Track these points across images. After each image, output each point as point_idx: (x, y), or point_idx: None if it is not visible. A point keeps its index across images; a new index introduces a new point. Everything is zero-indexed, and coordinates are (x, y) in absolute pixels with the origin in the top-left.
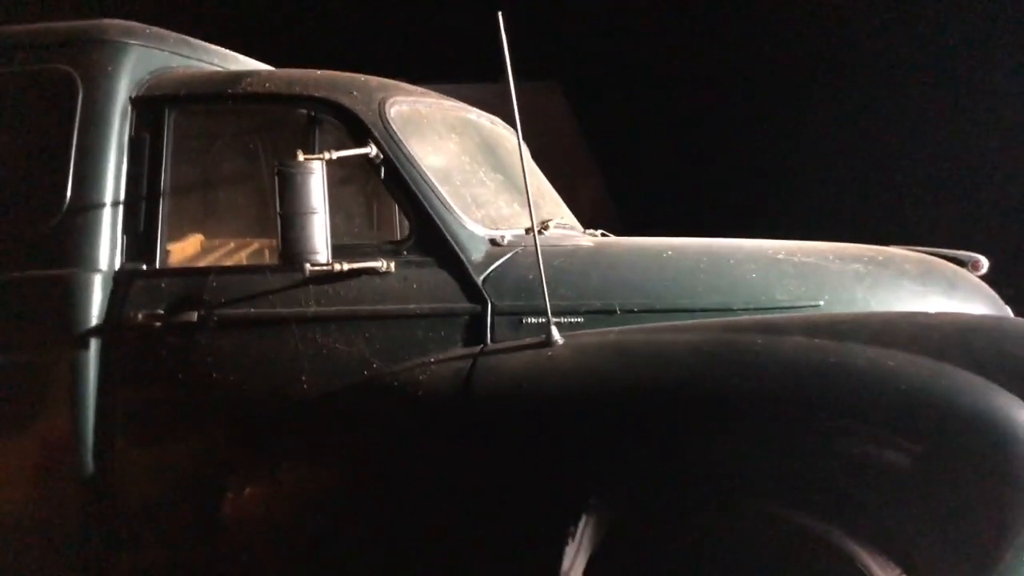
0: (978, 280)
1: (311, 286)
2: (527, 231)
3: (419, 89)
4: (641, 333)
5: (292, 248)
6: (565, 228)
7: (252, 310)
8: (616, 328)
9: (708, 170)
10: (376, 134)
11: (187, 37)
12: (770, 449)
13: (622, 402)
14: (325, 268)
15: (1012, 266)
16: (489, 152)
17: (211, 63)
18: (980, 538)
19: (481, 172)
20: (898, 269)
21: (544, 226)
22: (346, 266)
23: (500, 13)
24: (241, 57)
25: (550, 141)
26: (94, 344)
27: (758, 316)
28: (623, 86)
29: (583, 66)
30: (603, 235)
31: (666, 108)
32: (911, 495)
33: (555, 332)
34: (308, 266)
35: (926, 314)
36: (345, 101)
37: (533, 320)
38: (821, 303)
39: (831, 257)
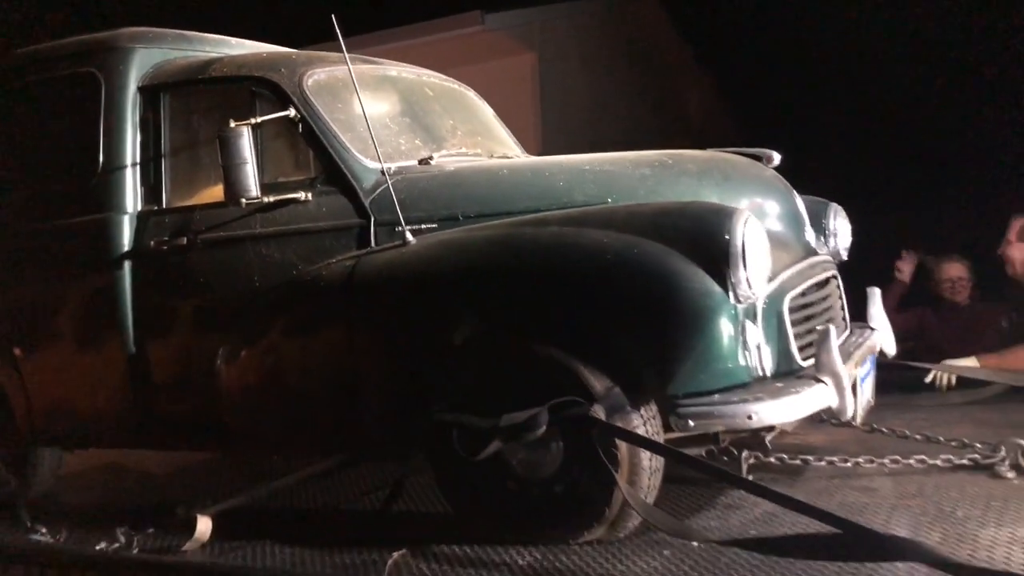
0: (767, 171)
1: (257, 214)
2: (419, 162)
3: (345, 57)
4: (463, 232)
5: (231, 189)
6: (462, 156)
7: (222, 233)
8: (454, 230)
9: (816, 69)
10: (295, 100)
11: (186, 32)
12: (522, 303)
13: (441, 279)
14: (257, 201)
15: None
16: (403, 100)
17: (204, 51)
18: (658, 354)
19: (388, 118)
20: (679, 169)
21: (428, 158)
22: (273, 198)
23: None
24: (233, 40)
25: (651, 50)
26: (127, 265)
27: (546, 213)
28: None
29: None
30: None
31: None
32: (611, 326)
33: (408, 236)
34: (244, 201)
35: (640, 205)
36: (274, 77)
37: (400, 228)
38: (609, 201)
39: (628, 165)
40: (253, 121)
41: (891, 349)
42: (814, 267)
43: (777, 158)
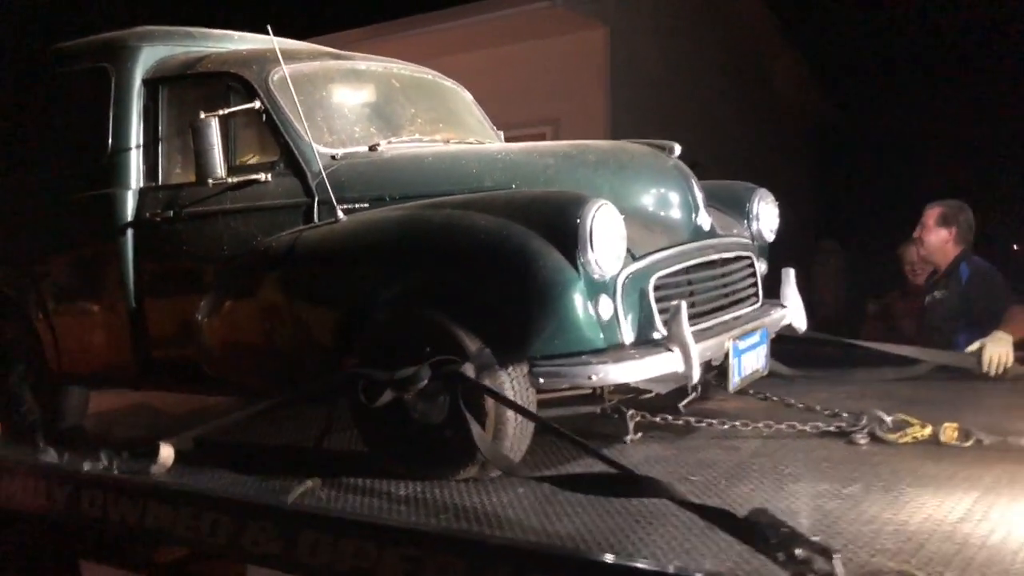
0: (666, 161)
1: (228, 192)
2: (370, 148)
3: (319, 51)
4: (381, 212)
5: (201, 171)
6: (415, 143)
7: (200, 208)
8: (377, 209)
9: (916, 38)
10: (260, 93)
11: (191, 29)
12: (417, 275)
13: (358, 250)
14: (223, 181)
15: None
16: (367, 91)
17: (207, 47)
18: (518, 321)
19: (347, 108)
20: (579, 160)
21: (376, 145)
22: (236, 179)
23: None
24: (236, 35)
25: (733, 22)
26: (129, 232)
27: (446, 198)
28: None
29: None
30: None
31: None
32: (483, 296)
33: (340, 214)
34: (211, 181)
35: (519, 192)
36: (244, 73)
37: (336, 207)
38: (513, 186)
39: (535, 155)
40: (220, 112)
41: (801, 325)
42: (703, 249)
43: (678, 149)
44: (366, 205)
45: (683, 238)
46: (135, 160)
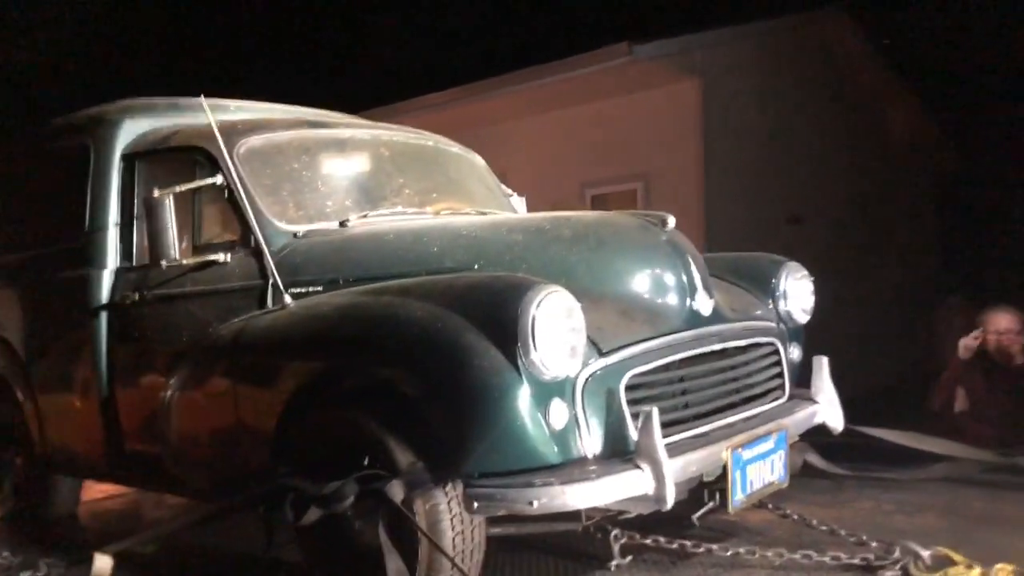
0: (656, 237)
1: (189, 274)
2: (340, 223)
3: (299, 120)
4: (327, 298)
5: (154, 252)
6: (397, 215)
7: (162, 290)
8: (324, 295)
9: None
10: (224, 168)
11: (179, 100)
12: (349, 372)
13: (295, 342)
14: (176, 263)
15: None
16: (348, 162)
17: (197, 119)
18: (453, 432)
19: (320, 180)
20: (553, 235)
21: (346, 220)
22: (193, 260)
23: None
24: (232, 104)
25: (845, 72)
26: (104, 314)
27: (398, 282)
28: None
29: None
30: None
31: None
32: (415, 401)
33: (287, 298)
34: (164, 263)
35: (459, 276)
36: (210, 147)
37: (283, 291)
38: (476, 267)
39: (503, 230)
40: (176, 189)
41: (837, 424)
42: (700, 338)
43: (672, 221)
44: (320, 288)
45: (676, 326)
46: (112, 239)
